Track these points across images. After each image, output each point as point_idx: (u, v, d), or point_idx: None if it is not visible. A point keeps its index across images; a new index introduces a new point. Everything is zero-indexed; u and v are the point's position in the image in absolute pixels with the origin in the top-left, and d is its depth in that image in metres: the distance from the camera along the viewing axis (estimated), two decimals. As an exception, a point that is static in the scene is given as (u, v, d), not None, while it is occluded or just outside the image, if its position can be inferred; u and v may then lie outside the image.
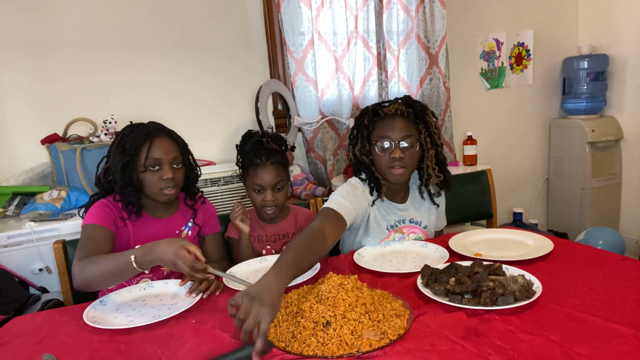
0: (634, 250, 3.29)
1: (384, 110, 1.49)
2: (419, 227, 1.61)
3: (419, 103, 1.52)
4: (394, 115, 1.47)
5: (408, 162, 1.47)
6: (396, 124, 1.46)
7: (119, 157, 1.36)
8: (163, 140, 1.40)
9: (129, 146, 1.36)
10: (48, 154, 2.14)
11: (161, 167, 1.38)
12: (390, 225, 1.57)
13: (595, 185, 3.27)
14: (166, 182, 1.38)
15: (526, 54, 3.35)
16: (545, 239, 1.40)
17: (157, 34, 2.39)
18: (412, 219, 1.60)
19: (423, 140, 1.48)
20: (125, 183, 1.36)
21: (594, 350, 0.82)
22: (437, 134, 1.50)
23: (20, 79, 2.19)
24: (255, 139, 1.57)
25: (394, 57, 2.78)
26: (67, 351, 0.97)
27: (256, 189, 1.57)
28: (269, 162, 1.54)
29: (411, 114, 1.49)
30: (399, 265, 1.33)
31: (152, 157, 1.37)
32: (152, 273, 1.44)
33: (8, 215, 2.02)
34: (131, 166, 1.37)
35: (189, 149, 1.51)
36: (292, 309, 0.99)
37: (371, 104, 1.56)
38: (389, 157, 1.46)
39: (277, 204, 1.58)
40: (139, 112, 2.35)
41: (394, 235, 1.57)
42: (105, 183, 1.42)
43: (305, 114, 2.58)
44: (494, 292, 1.01)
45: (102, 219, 1.34)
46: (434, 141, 1.50)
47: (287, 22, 2.46)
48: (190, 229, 1.52)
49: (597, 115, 3.33)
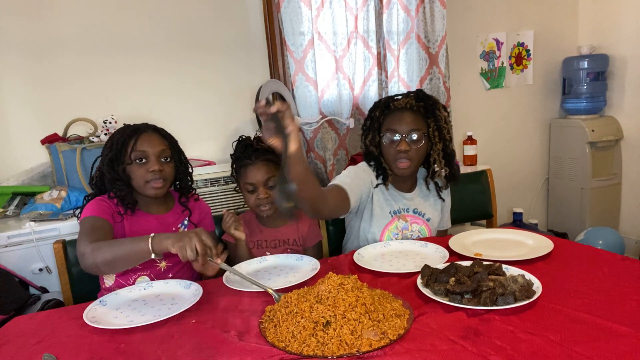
0: (634, 250, 3.29)
1: (395, 103, 1.54)
2: (422, 218, 1.64)
3: (431, 97, 1.56)
4: (404, 109, 1.53)
5: (414, 155, 1.52)
6: (405, 117, 1.52)
7: (106, 152, 1.40)
8: (150, 134, 1.43)
9: (116, 141, 1.40)
10: (48, 154, 2.14)
11: (147, 160, 1.40)
12: (394, 211, 1.61)
13: (595, 185, 3.27)
14: (152, 174, 1.39)
15: (526, 54, 3.35)
16: (545, 239, 1.40)
17: (157, 34, 2.39)
18: (416, 209, 1.64)
19: (431, 133, 1.53)
20: (114, 177, 1.39)
21: (594, 350, 0.82)
22: (447, 128, 1.55)
23: (20, 79, 2.18)
24: (246, 142, 1.60)
25: (394, 57, 2.78)
26: (67, 351, 0.97)
27: (249, 189, 1.57)
28: (258, 160, 1.55)
29: (421, 108, 1.54)
30: (399, 265, 1.33)
31: (138, 149, 1.39)
32: (149, 270, 1.44)
33: (8, 215, 2.02)
34: (118, 160, 1.39)
35: (179, 145, 1.52)
36: (292, 309, 0.99)
37: (385, 97, 1.63)
38: (396, 150, 1.51)
39: (271, 200, 1.56)
40: (139, 112, 2.35)
41: (396, 222, 1.60)
42: (98, 181, 1.44)
43: (305, 114, 2.58)
44: (494, 292, 1.01)
45: (100, 212, 1.36)
46: (442, 135, 1.54)
47: (287, 22, 2.46)
48: (186, 227, 1.54)
49: (597, 115, 3.33)
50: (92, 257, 1.20)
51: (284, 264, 1.40)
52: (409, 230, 1.62)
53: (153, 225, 1.46)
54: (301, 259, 1.40)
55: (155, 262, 1.44)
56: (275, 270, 1.36)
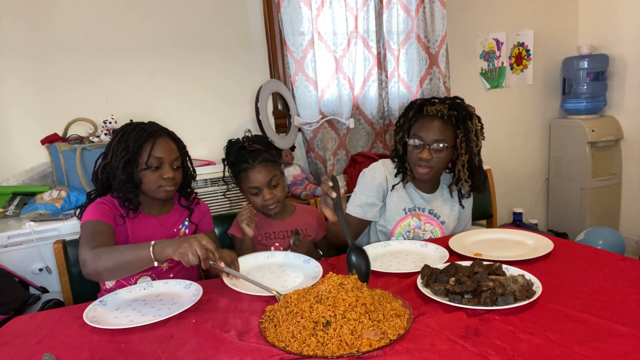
0: (634, 250, 3.29)
1: (428, 108, 1.55)
2: (436, 220, 1.65)
3: (466, 108, 1.57)
4: (434, 117, 1.53)
5: (434, 164, 1.55)
6: (433, 126, 1.53)
7: (121, 154, 1.38)
8: (165, 140, 1.44)
9: (132, 143, 1.38)
10: (48, 154, 2.14)
11: (162, 167, 1.41)
12: (409, 209, 1.64)
13: (595, 185, 3.27)
14: (166, 181, 1.41)
15: (526, 54, 3.35)
16: (545, 239, 1.41)
17: (158, 34, 2.39)
18: (432, 211, 1.65)
19: (459, 144, 1.54)
20: (126, 179, 1.38)
21: (594, 350, 0.83)
22: (476, 140, 1.55)
23: (20, 79, 2.18)
24: (237, 145, 1.59)
25: (394, 57, 2.78)
26: (67, 351, 0.97)
27: (253, 192, 1.58)
28: (257, 162, 1.55)
29: (453, 117, 1.54)
30: (399, 265, 1.33)
31: (155, 155, 1.39)
32: (150, 270, 1.44)
33: (8, 215, 2.02)
34: (133, 163, 1.39)
35: (187, 151, 1.53)
36: (292, 309, 0.99)
37: (421, 98, 1.64)
38: (418, 156, 1.54)
39: (276, 200, 1.59)
40: (139, 111, 2.34)
41: (410, 220, 1.62)
42: (103, 180, 1.43)
43: (305, 114, 2.58)
44: (494, 292, 1.01)
45: (102, 216, 1.36)
46: (469, 147, 1.55)
47: (287, 22, 2.46)
48: (187, 227, 1.54)
49: (597, 115, 3.33)
50: (94, 265, 1.20)
51: (291, 263, 1.39)
52: (421, 229, 1.64)
53: (155, 226, 1.46)
54: (308, 261, 1.38)
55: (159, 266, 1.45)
56: (278, 269, 1.36)
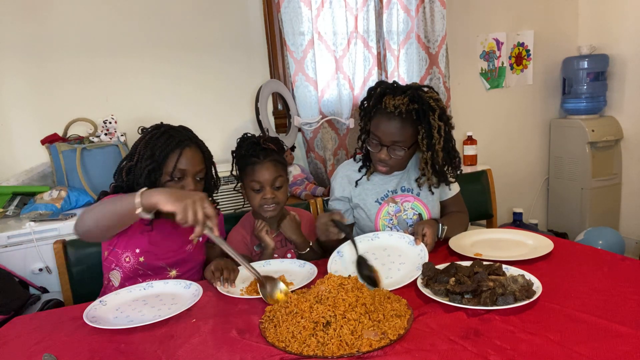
0: (634, 250, 3.29)
1: (387, 101, 1.42)
2: (411, 194, 1.61)
3: (427, 102, 1.41)
4: (392, 115, 1.41)
5: (393, 163, 1.51)
6: (391, 126, 1.43)
7: (146, 162, 1.36)
8: (193, 151, 1.41)
9: (159, 152, 1.36)
10: (48, 154, 2.14)
11: (184, 179, 1.39)
12: (382, 197, 1.60)
13: (595, 185, 3.27)
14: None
15: (526, 54, 3.35)
16: (545, 239, 1.40)
17: (158, 34, 2.39)
18: (404, 187, 1.61)
19: (420, 141, 1.44)
20: (148, 187, 1.35)
21: (594, 350, 0.82)
22: (438, 137, 1.42)
23: (20, 79, 2.18)
24: (252, 140, 1.55)
25: (394, 57, 2.78)
26: (67, 351, 0.98)
27: (255, 187, 1.51)
28: (266, 160, 1.51)
29: (413, 112, 1.40)
30: (392, 273, 1.27)
31: (180, 167, 1.37)
32: (158, 277, 1.43)
33: (8, 215, 2.02)
34: (157, 172, 1.37)
35: (213, 160, 1.52)
36: (292, 309, 0.99)
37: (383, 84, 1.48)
38: (376, 155, 1.51)
39: (277, 201, 1.52)
40: (139, 112, 2.35)
41: (387, 208, 1.59)
42: (128, 181, 1.40)
43: (305, 114, 2.58)
44: (494, 292, 1.01)
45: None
46: (430, 144, 1.43)
47: (287, 22, 2.46)
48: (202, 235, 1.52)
49: (597, 115, 3.33)
50: (82, 219, 1.20)
51: (286, 269, 1.39)
52: (401, 211, 1.59)
53: (169, 230, 1.44)
54: (303, 265, 1.39)
55: (166, 270, 1.42)
56: (274, 274, 1.36)
